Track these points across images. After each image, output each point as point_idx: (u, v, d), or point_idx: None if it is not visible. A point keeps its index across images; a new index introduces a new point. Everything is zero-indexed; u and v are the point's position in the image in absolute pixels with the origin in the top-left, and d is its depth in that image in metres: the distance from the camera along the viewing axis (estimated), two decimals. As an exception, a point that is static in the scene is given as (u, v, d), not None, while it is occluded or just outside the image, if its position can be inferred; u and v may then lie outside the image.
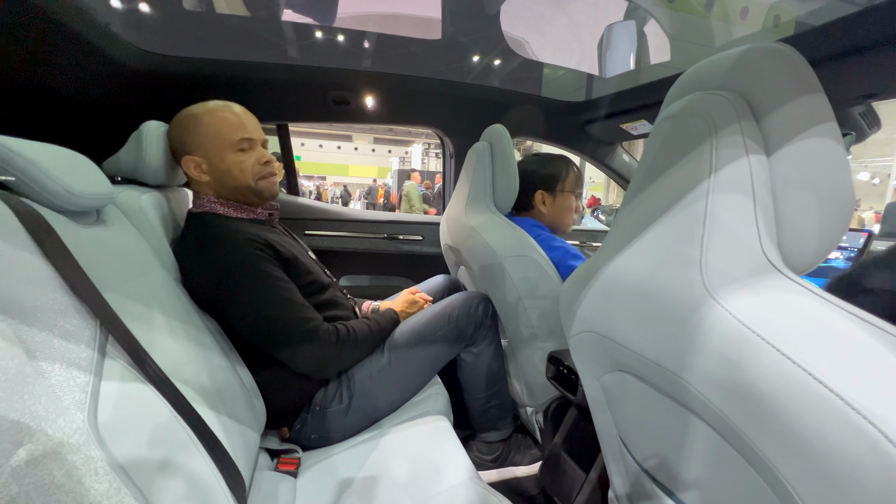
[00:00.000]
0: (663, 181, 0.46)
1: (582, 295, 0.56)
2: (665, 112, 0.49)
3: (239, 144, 0.89)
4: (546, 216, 1.21)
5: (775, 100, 0.40)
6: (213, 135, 0.88)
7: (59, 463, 0.38)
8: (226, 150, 0.89)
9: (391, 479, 0.77)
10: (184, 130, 0.89)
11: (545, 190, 1.20)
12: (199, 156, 0.89)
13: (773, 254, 0.39)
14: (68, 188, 0.54)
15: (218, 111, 0.89)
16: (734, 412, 0.36)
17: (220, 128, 0.88)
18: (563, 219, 1.23)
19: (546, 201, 1.20)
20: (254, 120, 0.94)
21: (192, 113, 0.89)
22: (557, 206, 1.21)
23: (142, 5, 3.35)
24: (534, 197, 1.20)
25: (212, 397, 0.66)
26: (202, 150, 0.89)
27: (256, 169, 0.91)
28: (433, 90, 1.56)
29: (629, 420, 0.58)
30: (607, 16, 2.59)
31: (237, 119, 0.90)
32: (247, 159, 0.90)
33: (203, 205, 0.91)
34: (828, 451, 0.29)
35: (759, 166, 0.39)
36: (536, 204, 1.21)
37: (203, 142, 0.88)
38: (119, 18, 4.49)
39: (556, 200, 1.20)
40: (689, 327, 0.39)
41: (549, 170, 1.20)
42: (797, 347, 0.32)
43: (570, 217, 1.23)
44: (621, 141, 1.76)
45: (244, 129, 0.90)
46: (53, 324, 0.44)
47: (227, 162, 0.89)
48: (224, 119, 0.89)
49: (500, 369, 1.13)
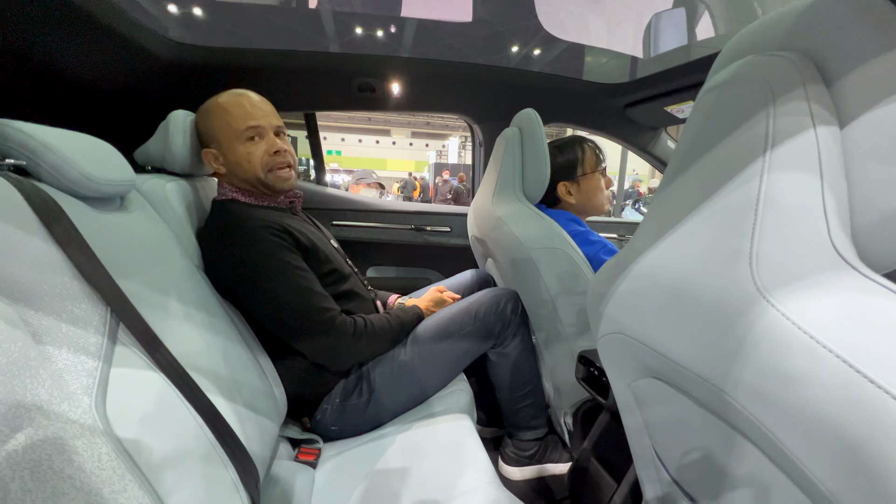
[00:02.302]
0: (707, 162, 0.40)
1: (611, 292, 0.50)
2: (710, 82, 0.42)
3: (246, 133, 0.88)
4: (575, 205, 1.15)
5: (855, 57, 0.32)
6: (223, 127, 0.88)
7: (60, 448, 0.38)
8: (234, 141, 0.88)
9: (409, 477, 0.75)
10: (201, 124, 0.91)
11: (566, 179, 1.14)
12: (214, 148, 0.90)
13: (846, 246, 0.31)
14: (86, 174, 0.54)
15: (226, 102, 0.89)
16: (789, 436, 0.30)
17: (229, 119, 0.88)
18: (593, 201, 1.16)
19: (571, 190, 1.15)
20: (266, 107, 0.92)
21: (207, 106, 0.90)
22: (584, 191, 1.15)
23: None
24: (557, 189, 1.15)
25: (228, 386, 0.65)
26: (216, 142, 0.90)
27: (266, 160, 0.89)
28: (461, 75, 1.51)
29: (662, 428, 0.52)
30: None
31: (244, 108, 0.88)
32: (255, 150, 0.89)
33: (226, 193, 0.92)
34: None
35: (829, 138, 0.32)
36: (562, 196, 1.15)
37: (216, 134, 0.89)
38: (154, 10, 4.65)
39: (581, 186, 1.14)
40: (736, 334, 0.33)
41: (563, 157, 1.14)
42: (877, 363, 0.25)
43: (600, 197, 1.16)
44: (666, 126, 1.64)
45: (251, 118, 0.88)
46: (61, 308, 0.44)
47: (236, 153, 0.89)
48: (231, 109, 0.88)
49: (532, 368, 1.08)
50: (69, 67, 1.02)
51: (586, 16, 4.83)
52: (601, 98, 1.58)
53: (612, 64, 8.53)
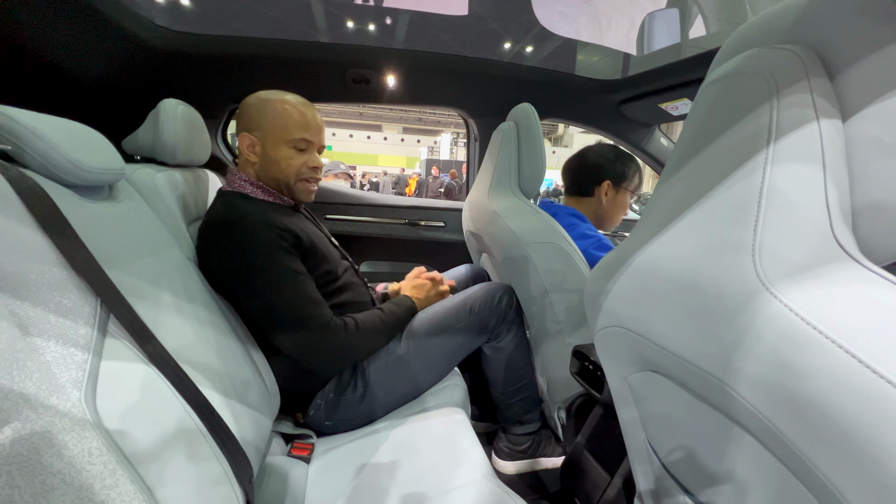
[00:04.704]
0: (709, 154, 0.40)
1: (609, 285, 0.50)
2: (712, 75, 0.42)
3: (297, 143, 0.91)
4: (602, 208, 1.21)
5: (859, 50, 0.32)
6: (277, 123, 0.89)
7: (49, 442, 0.37)
8: (282, 142, 0.90)
9: (403, 471, 0.74)
10: (252, 109, 0.90)
11: (613, 182, 1.19)
12: (256, 136, 0.90)
13: (847, 238, 0.32)
14: (74, 161, 0.53)
15: (291, 105, 0.90)
16: (791, 427, 0.30)
17: (286, 120, 0.89)
18: (614, 215, 1.24)
19: (609, 193, 1.20)
20: (321, 125, 0.95)
21: (268, 96, 0.91)
22: (617, 202, 1.21)
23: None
24: (600, 185, 1.19)
25: (221, 380, 0.64)
26: (261, 131, 0.90)
27: (303, 170, 0.93)
28: (457, 68, 1.49)
29: (658, 421, 0.52)
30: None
31: (304, 119, 0.91)
32: (297, 158, 0.92)
33: (234, 182, 0.92)
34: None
35: (832, 131, 0.32)
36: (600, 193, 1.20)
37: (265, 125, 0.89)
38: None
39: (618, 196, 1.21)
40: (738, 325, 0.33)
41: (622, 164, 1.20)
42: (881, 353, 0.26)
43: (621, 215, 1.25)
44: (659, 123, 1.65)
45: (307, 130, 0.91)
46: (49, 299, 0.42)
47: (278, 153, 0.90)
48: (293, 113, 0.90)
49: (526, 363, 1.09)
50: (52, 52, 0.99)
51: (580, 12, 4.85)
52: (596, 94, 1.58)
53: (604, 62, 8.56)
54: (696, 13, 2.28)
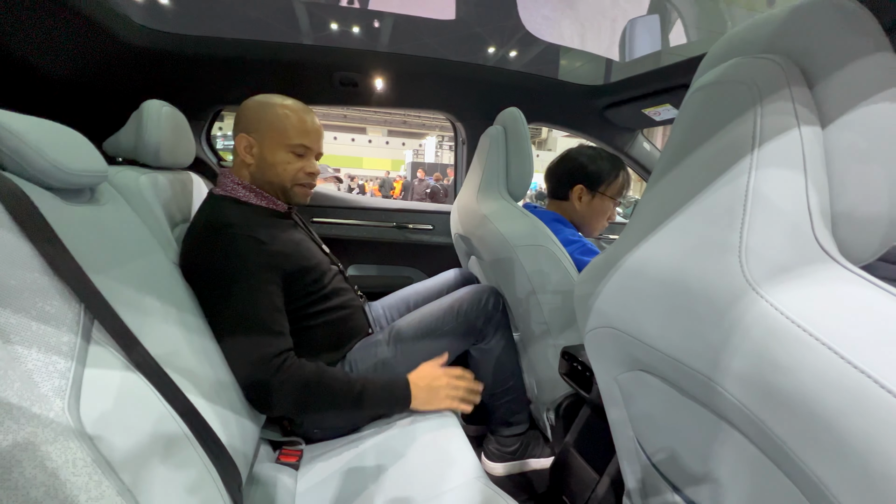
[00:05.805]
0: (695, 159, 0.41)
1: (599, 287, 0.51)
2: (698, 82, 0.44)
3: (295, 148, 0.90)
4: (577, 213, 1.16)
5: (837, 60, 0.34)
6: (277, 127, 0.88)
7: (31, 454, 0.35)
8: (280, 146, 0.89)
9: (394, 475, 0.74)
10: (252, 111, 0.89)
11: (586, 186, 1.14)
12: (254, 138, 0.88)
13: (827, 240, 0.33)
14: (54, 162, 0.51)
15: (291, 109, 0.90)
16: (776, 422, 0.31)
17: (286, 124, 0.88)
18: (593, 222, 1.17)
19: (583, 198, 1.15)
20: (320, 131, 0.95)
21: (268, 99, 0.90)
22: (592, 207, 1.15)
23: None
24: (572, 189, 1.15)
25: (208, 387, 0.63)
26: (259, 134, 0.88)
27: (299, 175, 0.92)
28: (445, 72, 1.50)
29: (647, 420, 0.53)
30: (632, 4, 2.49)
31: (304, 125, 0.90)
32: (295, 163, 0.91)
33: (226, 185, 0.90)
34: (893, 472, 0.25)
35: (812, 138, 0.34)
36: (572, 197, 1.15)
37: (264, 128, 0.88)
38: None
39: (594, 201, 1.14)
40: (725, 324, 0.34)
41: (596, 167, 1.13)
42: (860, 349, 0.27)
43: (601, 222, 1.18)
44: (642, 128, 1.69)
45: (306, 136, 0.91)
46: (31, 305, 0.41)
47: (276, 157, 0.89)
48: (293, 118, 0.89)
49: (513, 364, 1.09)
50: (27, 50, 0.96)
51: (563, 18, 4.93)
52: (582, 99, 1.61)
53: (586, 68, 8.72)
54: (676, 19, 2.35)
